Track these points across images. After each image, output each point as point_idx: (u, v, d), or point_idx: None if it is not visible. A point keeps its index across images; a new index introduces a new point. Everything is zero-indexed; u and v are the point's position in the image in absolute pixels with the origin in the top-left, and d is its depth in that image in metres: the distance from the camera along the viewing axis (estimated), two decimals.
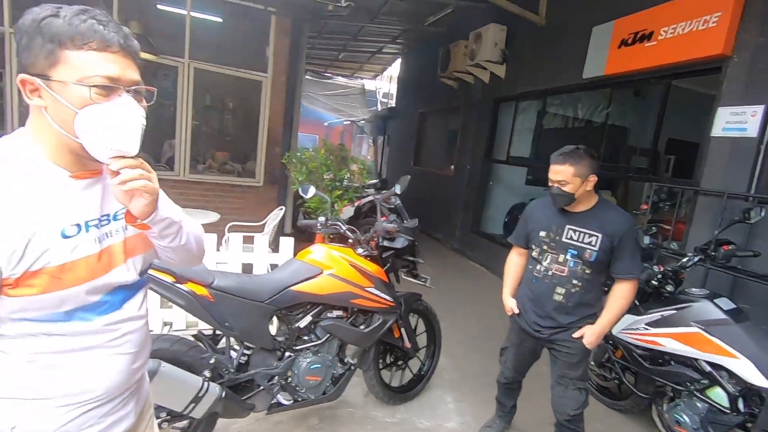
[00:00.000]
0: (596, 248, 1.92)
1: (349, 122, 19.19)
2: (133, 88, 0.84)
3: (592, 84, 4.76)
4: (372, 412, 2.65)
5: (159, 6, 5.31)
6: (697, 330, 2.17)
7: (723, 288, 3.00)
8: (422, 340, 2.90)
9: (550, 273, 2.03)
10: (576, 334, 2.00)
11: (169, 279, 1.80)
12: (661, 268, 2.48)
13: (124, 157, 0.83)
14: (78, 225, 0.85)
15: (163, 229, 0.97)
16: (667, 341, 2.28)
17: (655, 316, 2.37)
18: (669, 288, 2.47)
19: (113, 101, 0.80)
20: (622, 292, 1.95)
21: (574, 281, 1.98)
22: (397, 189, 2.39)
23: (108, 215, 0.93)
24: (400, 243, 2.44)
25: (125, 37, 0.83)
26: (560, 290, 2.02)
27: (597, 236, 1.92)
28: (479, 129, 7.01)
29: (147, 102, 0.89)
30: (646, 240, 2.58)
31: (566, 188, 1.90)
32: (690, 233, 3.46)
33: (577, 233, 1.96)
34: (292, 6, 4.74)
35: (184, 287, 1.84)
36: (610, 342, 2.72)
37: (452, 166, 8.13)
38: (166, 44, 4.90)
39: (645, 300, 2.52)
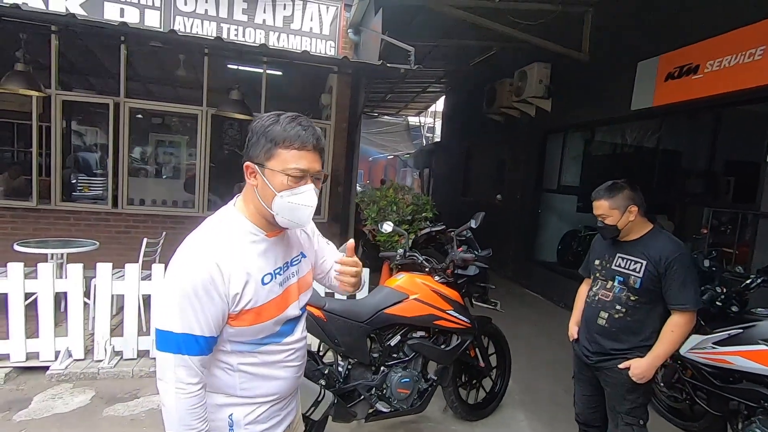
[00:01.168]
0: (640, 275, 1.92)
1: (392, 156, 19.92)
2: (314, 175, 1.10)
3: (640, 115, 4.95)
4: (452, 427, 2.90)
5: (238, 66, 6.14)
6: (766, 347, 2.29)
7: None
8: (492, 361, 3.14)
9: (597, 298, 2.09)
10: (622, 365, 1.96)
11: None
12: (724, 290, 2.62)
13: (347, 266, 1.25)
14: (271, 274, 1.12)
15: None
16: (736, 359, 2.39)
17: (722, 335, 2.50)
18: (734, 308, 2.60)
19: (300, 187, 1.06)
20: (671, 324, 1.90)
21: (618, 306, 2.00)
22: (473, 224, 2.74)
23: (288, 262, 1.20)
24: (473, 271, 2.76)
25: (318, 139, 1.09)
26: (603, 314, 2.05)
27: (642, 263, 1.93)
28: (528, 160, 7.26)
29: (323, 182, 1.16)
30: (706, 263, 2.73)
31: (607, 221, 2.00)
32: (754, 256, 3.52)
33: (625, 260, 2.01)
34: (362, 69, 5.34)
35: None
36: (679, 362, 2.84)
37: (498, 196, 8.37)
38: (249, 101, 5.65)
39: (711, 320, 2.65)
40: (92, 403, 2.87)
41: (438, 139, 13.86)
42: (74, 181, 6.73)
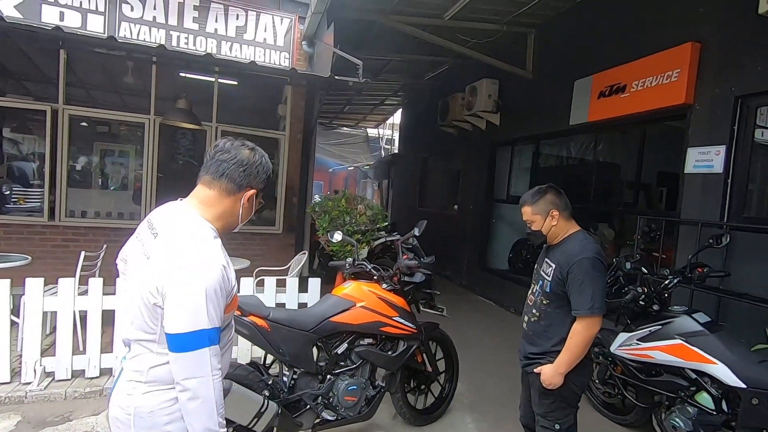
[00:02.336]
0: (550, 278, 1.95)
1: (352, 168, 20.00)
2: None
3: (577, 129, 5.31)
4: None
5: (188, 75, 6.01)
6: (680, 341, 2.52)
7: (710, 306, 3.35)
8: (441, 366, 3.22)
9: (526, 302, 2.16)
10: (537, 370, 1.98)
11: (236, 313, 2.20)
12: (645, 290, 2.85)
13: None
14: None
15: None
16: (656, 353, 2.61)
17: (644, 332, 2.71)
18: (655, 307, 2.83)
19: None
20: (573, 330, 1.89)
21: (534, 310, 2.04)
22: (416, 231, 2.82)
23: None
24: (419, 278, 2.84)
25: None
26: (525, 318, 2.10)
27: (552, 266, 1.96)
28: (479, 171, 7.55)
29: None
30: (628, 266, 2.98)
31: (533, 227, 2.04)
32: (676, 259, 3.85)
33: (545, 265, 2.04)
34: (315, 81, 5.39)
35: (247, 319, 2.23)
36: (610, 359, 3.04)
37: (455, 206, 8.62)
38: (197, 110, 5.53)
39: (635, 318, 2.87)
40: (17, 429, 2.68)
41: (396, 151, 14.09)
42: (7, 192, 6.28)
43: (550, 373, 1.91)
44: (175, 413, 1.20)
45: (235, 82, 6.43)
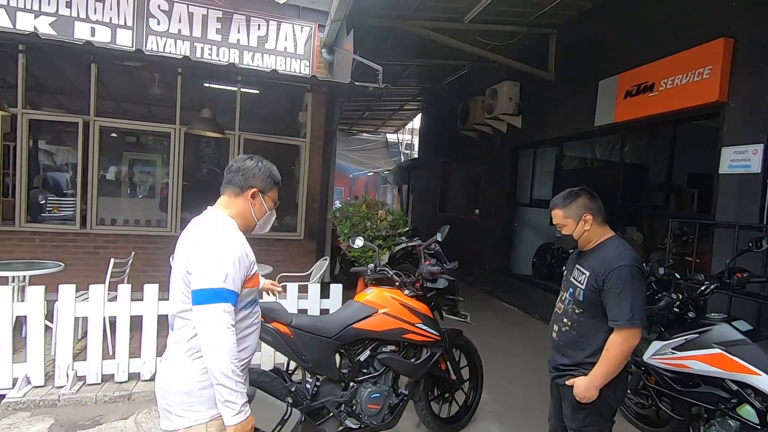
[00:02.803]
0: (583, 287, 1.86)
1: (372, 173, 20.05)
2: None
3: (603, 130, 5.17)
4: None
5: (211, 85, 6.16)
6: (719, 351, 2.39)
7: (750, 314, 3.18)
8: (465, 374, 3.15)
9: (555, 310, 2.06)
10: (568, 382, 1.89)
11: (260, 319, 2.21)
12: (680, 296, 2.72)
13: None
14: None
15: None
16: (694, 363, 2.48)
17: (680, 340, 2.59)
18: (691, 314, 2.70)
19: (274, 210, 1.72)
20: (608, 342, 1.80)
21: (565, 319, 1.95)
22: (438, 237, 2.78)
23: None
24: (441, 283, 2.79)
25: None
26: (555, 327, 2.01)
27: (586, 273, 1.87)
28: (501, 175, 7.44)
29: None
30: (661, 271, 2.85)
31: (564, 231, 1.95)
32: (712, 263, 3.68)
33: (577, 272, 1.95)
34: (335, 87, 5.43)
35: (270, 326, 2.24)
36: (642, 369, 2.91)
37: (476, 211, 8.51)
38: (221, 119, 5.65)
39: (670, 326, 2.74)
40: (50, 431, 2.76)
41: (416, 156, 14.06)
42: (43, 202, 6.54)
43: (585, 386, 1.82)
44: (209, 380, 1.42)
45: (257, 91, 6.55)
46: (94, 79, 5.27)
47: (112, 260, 3.88)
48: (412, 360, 2.65)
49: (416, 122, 13.85)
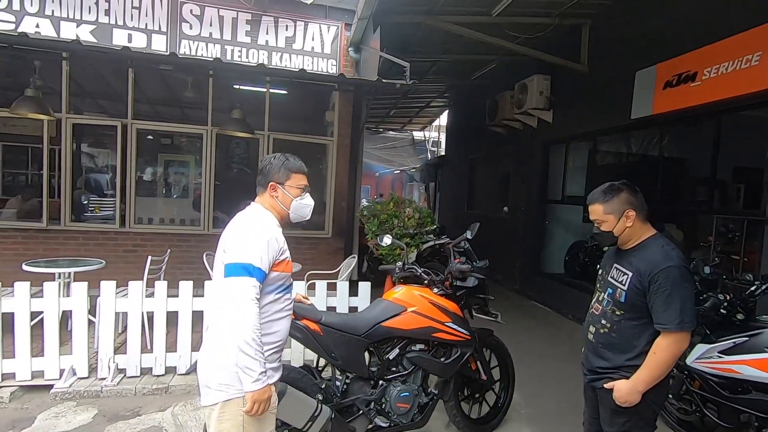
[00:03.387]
0: (625, 288, 1.77)
1: (398, 171, 20.01)
2: (308, 188, 1.84)
3: (640, 123, 4.95)
4: None
5: (241, 87, 6.30)
6: None
7: None
8: (496, 374, 3.09)
9: (590, 311, 1.98)
10: (607, 385, 1.80)
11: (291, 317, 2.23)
12: (728, 297, 2.57)
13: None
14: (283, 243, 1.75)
15: None
16: (744, 368, 2.34)
17: (727, 343, 2.44)
18: (739, 316, 2.54)
19: (303, 196, 1.82)
20: (655, 346, 1.71)
21: (603, 321, 1.86)
22: (468, 234, 2.73)
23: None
24: (471, 282, 2.74)
25: (304, 167, 1.84)
26: (592, 329, 1.93)
27: (628, 274, 1.78)
28: (532, 171, 7.26)
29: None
30: (707, 270, 2.69)
31: (603, 227, 1.85)
32: (762, 262, 3.46)
33: (617, 271, 1.86)
34: (362, 85, 5.45)
35: (301, 323, 2.26)
36: (686, 373, 2.77)
37: (505, 208, 8.35)
38: (250, 120, 5.76)
39: (716, 328, 2.59)
40: (94, 421, 2.88)
41: (443, 153, 13.93)
42: (85, 202, 6.88)
43: (627, 390, 1.73)
44: None
45: (284, 92, 6.65)
46: (131, 84, 5.47)
47: (150, 258, 4.02)
48: (442, 359, 2.62)
49: (443, 119, 13.71)
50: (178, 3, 5.58)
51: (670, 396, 2.97)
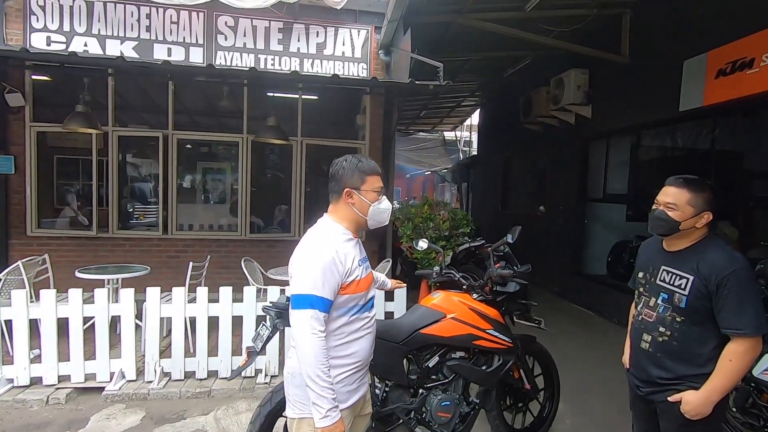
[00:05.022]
0: (686, 292, 1.66)
1: (429, 172, 19.87)
2: (384, 190, 1.72)
3: (690, 115, 4.66)
4: None
5: (275, 94, 6.42)
6: None
7: None
8: (540, 382, 2.97)
9: (640, 318, 1.85)
10: (673, 398, 1.68)
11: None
12: None
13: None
14: (360, 260, 1.66)
15: None
16: None
17: None
18: None
19: (381, 200, 1.68)
20: (729, 353, 1.60)
21: (661, 329, 1.74)
22: (509, 238, 2.63)
23: (364, 257, 1.73)
24: (512, 287, 2.64)
25: (378, 167, 1.72)
26: (646, 337, 1.81)
27: (688, 278, 1.67)
28: (569, 169, 6.99)
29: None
30: None
31: (672, 214, 1.69)
32: None
33: (671, 275, 1.74)
34: (394, 88, 5.43)
35: None
36: (752, 385, 2.56)
37: (541, 207, 8.09)
38: (284, 126, 5.86)
39: None
40: (142, 424, 2.98)
41: (475, 153, 13.69)
42: (131, 210, 7.22)
43: (699, 402, 1.62)
44: None
45: (315, 97, 6.72)
46: (171, 96, 5.69)
47: (191, 264, 4.14)
48: (483, 367, 2.53)
49: (474, 118, 13.49)
50: (213, 15, 5.75)
51: (734, 410, 2.76)
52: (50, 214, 7.09)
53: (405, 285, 2.36)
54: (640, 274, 1.90)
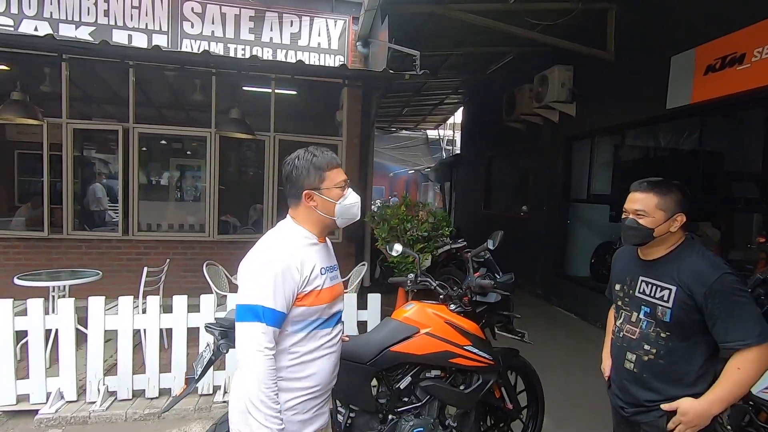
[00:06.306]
0: (670, 305, 1.53)
1: (413, 171, 19.67)
2: (348, 182, 1.48)
3: (677, 114, 4.50)
4: None
5: (246, 88, 6.07)
6: None
7: None
8: (522, 399, 2.73)
9: (621, 335, 1.70)
10: (668, 406, 1.53)
11: None
12: None
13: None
14: (324, 268, 1.44)
15: None
16: None
17: None
18: None
19: (346, 194, 1.45)
20: (738, 361, 1.46)
21: (646, 346, 1.60)
22: (490, 244, 2.37)
23: (332, 266, 1.51)
24: (493, 297, 2.40)
25: (335, 157, 1.46)
26: (630, 356, 1.66)
27: (670, 289, 1.54)
28: (553, 169, 6.82)
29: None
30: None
31: (643, 221, 1.56)
32: None
33: (651, 286, 1.60)
34: (368, 78, 5.15)
35: None
36: (751, 403, 2.36)
37: (524, 208, 7.93)
38: (256, 121, 5.51)
39: None
40: None
41: (458, 152, 13.52)
42: (99, 209, 6.77)
43: (697, 413, 1.47)
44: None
45: (293, 92, 6.39)
46: (132, 87, 5.28)
47: (146, 269, 3.78)
48: (461, 388, 2.28)
49: (458, 117, 13.31)
50: (178, 1, 5.37)
51: (729, 428, 2.57)
52: (7, 212, 6.60)
53: (348, 339, 2.02)
54: (617, 287, 1.76)
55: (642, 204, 1.58)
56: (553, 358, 4.38)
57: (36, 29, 5.04)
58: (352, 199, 1.46)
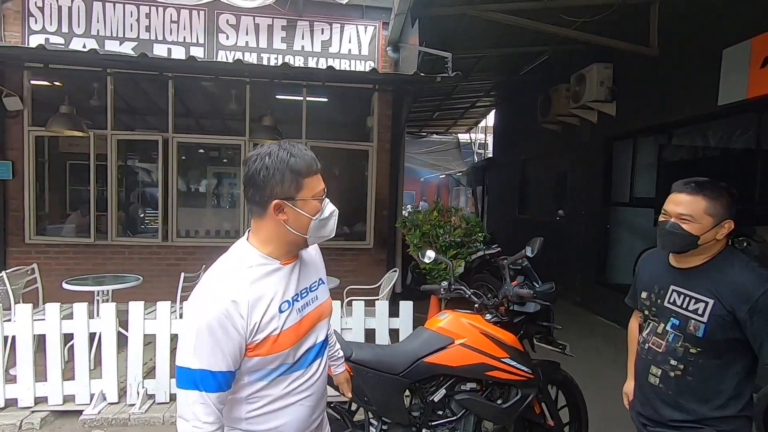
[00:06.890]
0: (704, 319, 1.40)
1: (444, 176, 19.47)
2: (325, 192, 1.17)
3: (730, 110, 4.20)
4: None
5: (279, 96, 6.17)
6: None
7: None
8: (564, 415, 2.58)
9: (647, 347, 1.57)
10: None
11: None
12: None
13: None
14: (288, 302, 1.13)
15: None
16: None
17: None
18: None
19: (324, 207, 1.14)
20: None
21: (673, 361, 1.47)
22: (528, 252, 2.26)
23: (306, 288, 1.21)
24: (532, 308, 2.28)
25: (315, 159, 1.13)
26: (655, 370, 1.53)
27: (707, 302, 1.40)
28: (592, 171, 6.54)
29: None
30: None
31: (688, 227, 1.41)
32: None
33: (683, 297, 1.46)
34: (398, 82, 5.13)
35: None
36: None
37: (560, 212, 7.64)
38: (288, 129, 5.59)
39: None
40: None
41: (491, 155, 13.25)
42: (142, 215, 7.07)
43: None
44: None
45: (325, 99, 6.45)
46: (171, 98, 5.48)
47: (183, 275, 3.88)
48: (499, 402, 2.18)
49: (489, 119, 13.06)
50: (215, 14, 5.54)
51: None
52: (59, 220, 6.99)
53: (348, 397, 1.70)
54: (644, 295, 1.62)
55: (688, 208, 1.42)
56: (597, 371, 4.15)
57: (84, 46, 5.33)
58: (328, 211, 1.16)
